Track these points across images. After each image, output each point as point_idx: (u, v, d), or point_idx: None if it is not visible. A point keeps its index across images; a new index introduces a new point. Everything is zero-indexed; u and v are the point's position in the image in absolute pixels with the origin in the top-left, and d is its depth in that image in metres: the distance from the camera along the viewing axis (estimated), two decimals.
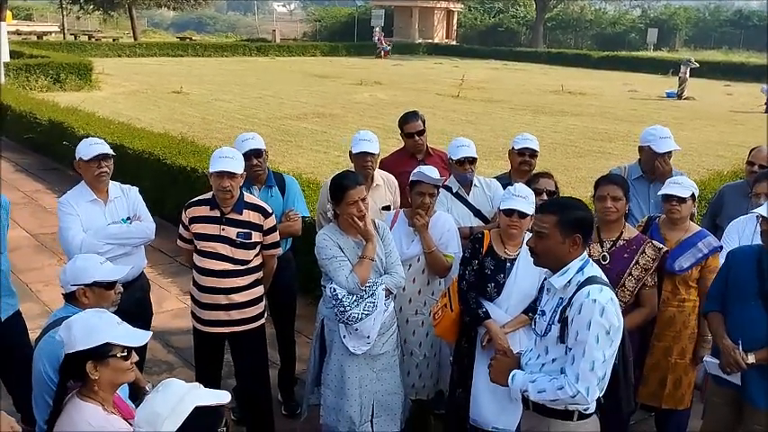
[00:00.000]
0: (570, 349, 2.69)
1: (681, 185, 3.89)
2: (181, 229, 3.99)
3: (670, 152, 4.58)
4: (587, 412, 2.80)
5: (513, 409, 3.54)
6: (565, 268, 2.77)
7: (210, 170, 3.78)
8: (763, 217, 3.29)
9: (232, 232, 3.82)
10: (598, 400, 2.78)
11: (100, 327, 2.50)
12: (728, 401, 3.52)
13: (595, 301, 2.63)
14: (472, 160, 4.45)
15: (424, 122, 4.98)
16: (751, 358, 3.28)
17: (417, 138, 4.92)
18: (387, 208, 4.45)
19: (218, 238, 3.83)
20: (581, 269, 2.75)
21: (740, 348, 3.31)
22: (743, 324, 3.35)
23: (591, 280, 2.71)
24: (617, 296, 2.83)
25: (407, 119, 4.98)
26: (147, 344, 4.26)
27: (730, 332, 3.40)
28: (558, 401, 2.75)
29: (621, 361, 2.84)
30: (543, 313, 2.88)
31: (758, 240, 3.51)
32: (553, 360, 2.78)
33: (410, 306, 4.04)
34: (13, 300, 4.08)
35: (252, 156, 4.29)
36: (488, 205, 4.50)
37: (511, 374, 2.89)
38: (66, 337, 2.50)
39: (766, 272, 3.32)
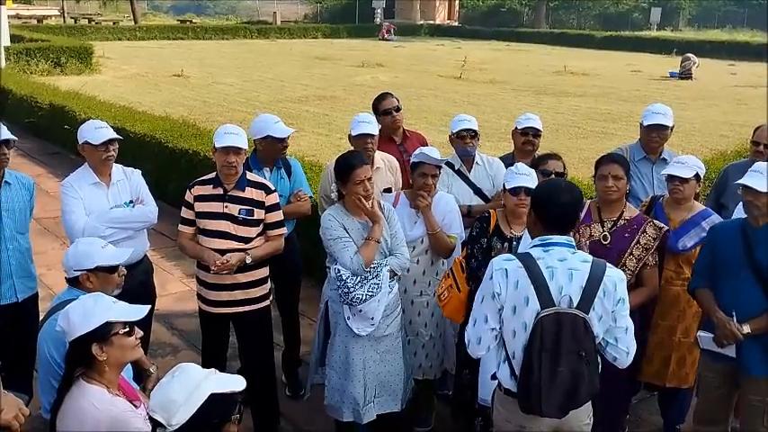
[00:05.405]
0: None
1: (683, 165, 3.86)
2: (183, 211, 3.98)
3: (658, 126, 4.51)
4: (504, 386, 2.86)
5: None
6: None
7: (216, 145, 3.79)
8: (745, 187, 3.28)
9: (234, 209, 3.84)
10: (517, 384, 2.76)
11: (96, 309, 2.52)
12: (722, 376, 3.53)
13: (490, 265, 2.81)
14: (473, 134, 4.44)
15: (398, 101, 4.98)
16: (746, 329, 3.29)
17: (395, 114, 4.91)
18: (388, 190, 4.44)
19: (221, 216, 3.85)
20: (531, 246, 2.86)
21: (734, 320, 3.31)
22: (734, 296, 3.35)
23: (519, 254, 2.85)
24: None
25: (382, 97, 5.00)
26: (150, 326, 4.33)
27: (721, 305, 3.40)
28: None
29: (528, 354, 2.69)
30: None
31: None
32: None
33: (414, 287, 4.05)
34: (32, 282, 4.08)
35: (285, 138, 4.35)
36: (489, 184, 4.48)
37: None
38: (66, 326, 2.52)
39: (752, 242, 3.32)
